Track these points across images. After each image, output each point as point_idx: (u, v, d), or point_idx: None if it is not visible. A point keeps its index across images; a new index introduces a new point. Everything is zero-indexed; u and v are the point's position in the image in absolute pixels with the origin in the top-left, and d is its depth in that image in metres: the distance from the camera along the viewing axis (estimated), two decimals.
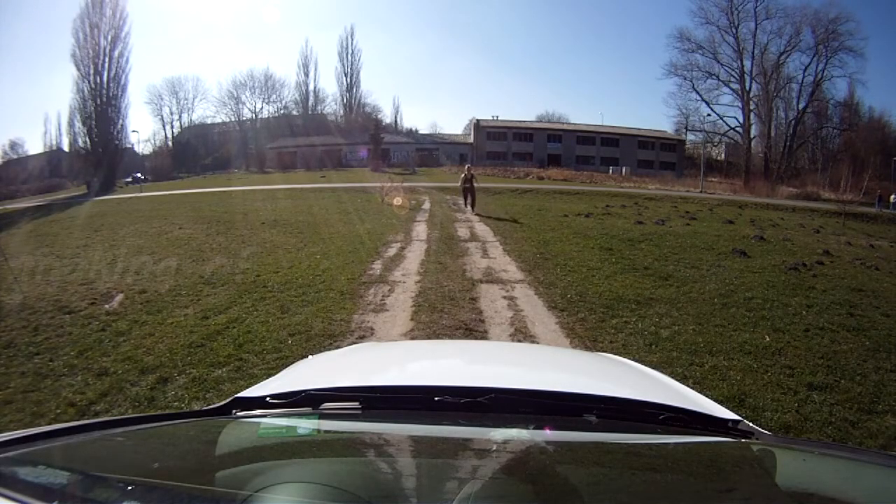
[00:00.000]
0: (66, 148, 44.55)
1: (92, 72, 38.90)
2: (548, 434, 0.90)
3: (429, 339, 4.18)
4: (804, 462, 0.94)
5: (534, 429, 0.90)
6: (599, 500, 0.74)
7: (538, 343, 4.16)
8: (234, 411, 1.04)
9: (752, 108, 44.20)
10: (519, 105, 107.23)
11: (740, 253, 8.53)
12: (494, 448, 0.86)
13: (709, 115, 44.79)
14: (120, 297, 5.60)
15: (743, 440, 0.97)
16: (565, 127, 51.61)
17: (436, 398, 0.96)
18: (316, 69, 59.74)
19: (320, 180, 28.94)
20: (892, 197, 24.13)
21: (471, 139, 50.35)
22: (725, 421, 1.01)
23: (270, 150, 47.13)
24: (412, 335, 4.33)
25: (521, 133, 49.64)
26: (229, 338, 4.19)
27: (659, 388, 1.32)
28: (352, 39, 57.95)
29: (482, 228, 11.46)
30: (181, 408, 3.01)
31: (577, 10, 78.76)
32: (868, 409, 3.08)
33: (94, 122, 39.43)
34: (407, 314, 4.91)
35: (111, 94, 39.68)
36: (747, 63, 43.59)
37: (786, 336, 4.41)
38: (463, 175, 14.39)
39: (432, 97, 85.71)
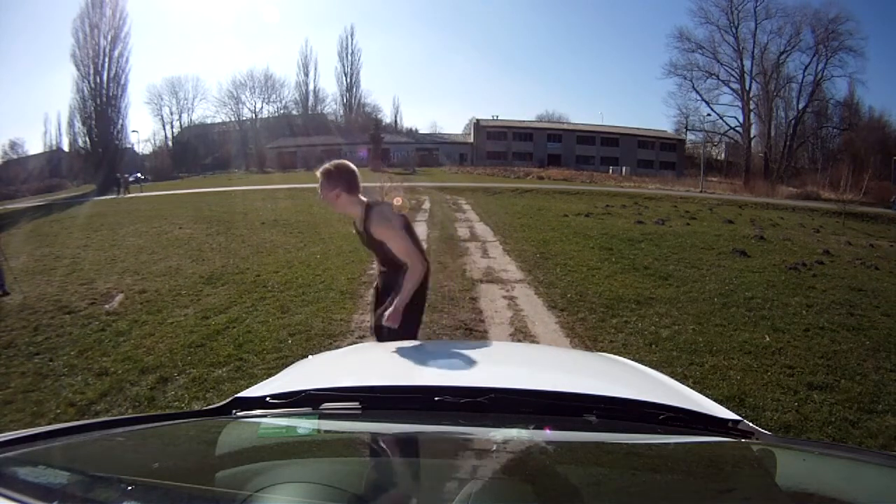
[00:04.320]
0: (66, 148, 44.60)
1: (92, 72, 38.95)
2: (548, 434, 0.90)
3: (429, 339, 4.18)
4: (804, 462, 0.94)
5: (534, 429, 0.90)
6: (599, 500, 0.74)
7: (538, 343, 4.16)
8: (234, 411, 1.03)
9: (752, 107, 44.25)
10: (519, 105, 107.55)
11: (740, 252, 8.53)
12: (494, 448, 0.86)
13: (709, 114, 44.87)
14: (120, 297, 5.60)
15: (743, 440, 0.97)
16: (565, 127, 51.61)
17: (436, 398, 0.96)
18: (316, 69, 59.84)
19: None
20: None
21: (471, 139, 50.34)
22: (725, 421, 1.01)
23: (270, 150, 47.13)
24: None
25: (521, 133, 49.63)
26: (229, 338, 4.19)
27: (659, 387, 1.32)
28: (352, 39, 58.17)
29: (482, 228, 11.46)
30: (181, 408, 3.01)
31: (577, 10, 78.83)
32: (868, 409, 3.08)
33: (94, 122, 39.46)
34: None
35: (111, 94, 39.75)
36: (747, 63, 43.64)
37: (786, 336, 4.40)
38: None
39: (432, 97, 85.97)
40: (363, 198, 2.33)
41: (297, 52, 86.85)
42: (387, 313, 2.25)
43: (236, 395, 1.10)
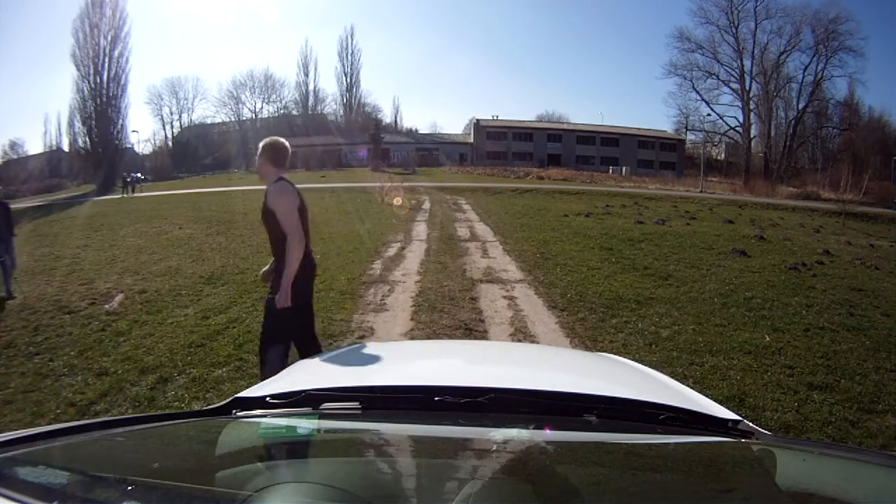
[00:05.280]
0: (66, 148, 44.53)
1: (92, 72, 38.87)
2: (548, 434, 0.90)
3: (429, 338, 4.18)
4: (804, 462, 0.94)
5: (534, 429, 0.90)
6: (599, 500, 0.74)
7: (538, 343, 4.16)
8: (234, 411, 1.03)
9: (752, 107, 44.25)
10: (519, 105, 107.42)
11: (740, 253, 8.53)
12: (494, 448, 0.86)
13: (709, 114, 44.87)
14: (120, 297, 5.60)
15: (743, 440, 0.97)
16: (565, 127, 51.58)
17: (436, 398, 0.96)
18: (316, 69, 59.81)
19: (320, 180, 28.90)
20: None
21: (471, 139, 50.33)
22: (725, 421, 1.01)
23: None
24: (412, 335, 4.34)
25: (521, 133, 49.62)
26: (229, 338, 4.19)
27: (659, 387, 1.32)
28: (352, 39, 57.95)
29: (482, 228, 11.46)
30: (181, 408, 3.01)
31: (577, 9, 78.80)
32: (868, 409, 3.08)
33: (94, 122, 39.40)
34: (407, 314, 4.91)
35: (111, 94, 39.65)
36: (747, 63, 43.64)
37: (786, 336, 4.41)
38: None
39: (432, 97, 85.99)
40: (283, 175, 2.60)
41: (297, 52, 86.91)
42: (277, 296, 2.43)
43: (236, 395, 1.10)
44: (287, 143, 2.68)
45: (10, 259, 5.89)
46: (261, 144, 2.65)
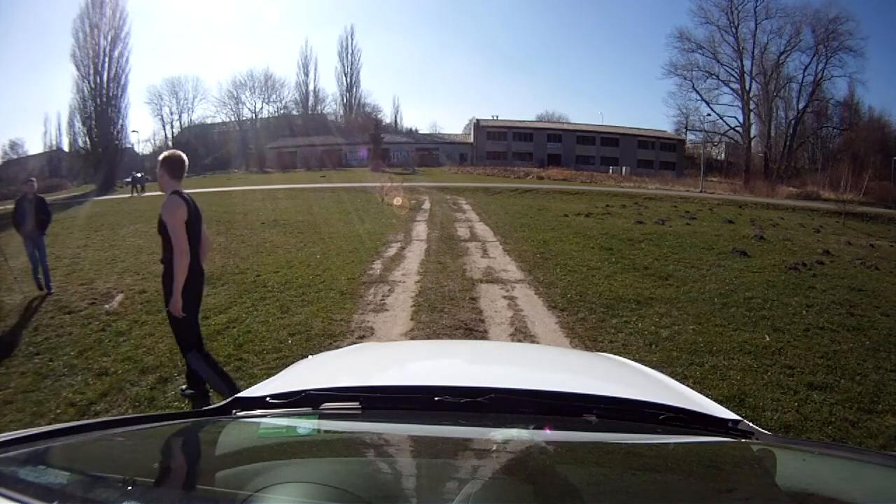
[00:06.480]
0: (66, 148, 44.57)
1: (92, 72, 38.89)
2: (548, 434, 0.90)
3: (429, 338, 4.18)
4: (804, 462, 0.94)
5: (534, 429, 0.90)
6: (599, 500, 0.74)
7: (538, 343, 4.16)
8: (234, 411, 1.03)
9: (752, 107, 44.22)
10: (519, 105, 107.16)
11: (740, 253, 8.54)
12: (494, 448, 0.86)
13: (709, 114, 44.85)
14: (120, 297, 5.60)
15: (743, 440, 0.97)
16: (565, 127, 51.58)
17: (436, 398, 0.96)
18: (316, 69, 59.81)
19: (320, 180, 28.93)
20: None
21: (471, 139, 50.36)
22: (725, 421, 1.01)
23: (270, 150, 47.14)
24: (412, 335, 4.34)
25: (521, 133, 49.63)
26: (229, 338, 4.18)
27: (659, 388, 1.32)
28: (352, 39, 57.98)
29: (482, 228, 11.46)
30: (181, 408, 3.01)
31: (577, 9, 78.76)
32: (868, 409, 3.08)
33: (94, 122, 39.43)
34: (407, 314, 4.91)
35: (111, 94, 39.67)
36: (747, 63, 43.61)
37: (786, 336, 4.41)
38: None
39: (432, 97, 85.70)
40: (179, 188, 2.89)
41: (297, 52, 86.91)
42: (170, 305, 2.78)
43: (236, 395, 1.10)
44: (184, 157, 2.95)
45: (41, 258, 6.08)
46: (159, 158, 2.91)
